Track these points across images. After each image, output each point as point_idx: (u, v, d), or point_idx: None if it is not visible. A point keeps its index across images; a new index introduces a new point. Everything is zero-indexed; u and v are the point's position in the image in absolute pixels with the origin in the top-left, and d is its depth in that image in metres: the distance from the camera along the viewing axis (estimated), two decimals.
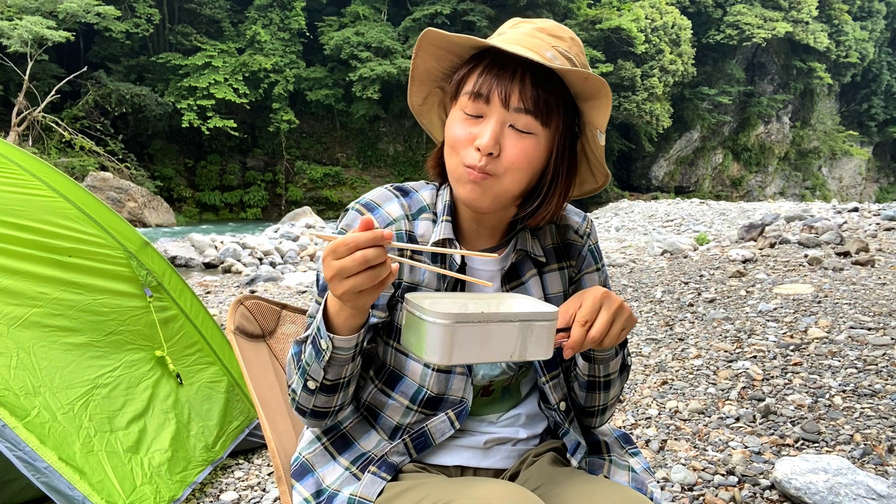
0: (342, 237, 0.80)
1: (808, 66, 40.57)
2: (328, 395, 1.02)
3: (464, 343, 0.79)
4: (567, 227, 1.19)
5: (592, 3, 35.77)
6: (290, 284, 7.95)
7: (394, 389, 1.09)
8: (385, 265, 0.82)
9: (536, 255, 1.13)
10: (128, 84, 27.68)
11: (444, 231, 1.07)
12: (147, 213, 23.13)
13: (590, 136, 1.06)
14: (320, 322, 0.95)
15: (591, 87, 0.98)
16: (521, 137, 0.98)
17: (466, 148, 0.99)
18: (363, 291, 0.83)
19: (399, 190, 1.13)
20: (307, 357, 0.99)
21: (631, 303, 5.20)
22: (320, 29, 32.85)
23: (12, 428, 1.69)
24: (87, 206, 2.30)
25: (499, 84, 0.97)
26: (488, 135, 0.96)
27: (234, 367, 2.60)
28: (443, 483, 1.00)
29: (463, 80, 1.01)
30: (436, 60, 1.06)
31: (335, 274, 0.81)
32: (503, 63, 0.98)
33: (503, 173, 0.98)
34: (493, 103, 0.97)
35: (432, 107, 1.15)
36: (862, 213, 12.16)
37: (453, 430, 1.09)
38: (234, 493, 2.30)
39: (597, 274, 1.20)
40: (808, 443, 2.47)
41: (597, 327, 0.93)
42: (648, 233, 14.07)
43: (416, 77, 1.09)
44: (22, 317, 1.94)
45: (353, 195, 32.23)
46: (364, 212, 1.08)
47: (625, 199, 30.71)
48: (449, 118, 1.04)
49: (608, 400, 1.17)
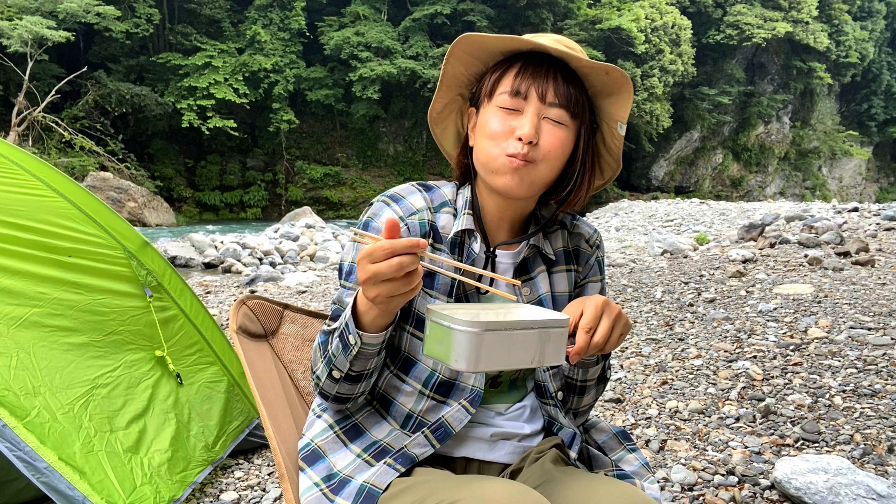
0: (380, 242, 0.83)
1: (808, 66, 40.58)
2: (352, 384, 1.08)
3: (490, 350, 0.82)
4: (579, 235, 1.27)
5: (592, 3, 35.76)
6: (290, 284, 7.96)
7: (408, 374, 1.13)
8: (417, 272, 0.86)
9: (547, 252, 1.20)
10: (128, 84, 27.69)
11: (466, 223, 1.15)
12: (147, 213, 23.14)
13: (606, 131, 1.16)
14: (349, 318, 0.99)
15: (613, 81, 1.08)
16: (556, 128, 1.08)
17: (507, 139, 1.07)
18: (395, 296, 0.87)
19: (422, 185, 1.20)
20: (333, 349, 1.04)
21: (631, 303, 5.20)
22: (320, 29, 32.85)
23: (12, 428, 1.69)
24: (87, 206, 2.30)
25: (535, 82, 1.07)
26: (529, 124, 1.05)
27: (234, 367, 2.60)
28: (448, 481, 1.02)
29: (499, 80, 1.10)
30: (464, 66, 1.15)
31: (370, 277, 0.85)
32: (537, 63, 1.09)
33: (541, 160, 1.07)
34: (531, 99, 1.07)
35: (450, 114, 1.23)
36: (862, 213, 12.15)
37: (469, 415, 1.12)
38: (234, 493, 2.30)
39: (599, 284, 1.28)
40: (808, 443, 2.47)
41: (600, 333, 0.99)
42: (648, 233, 14.07)
43: (445, 82, 1.17)
44: (22, 317, 1.94)
45: (353, 195, 32.26)
46: (390, 202, 1.15)
47: (625, 199, 30.71)
48: (484, 115, 1.11)
49: (580, 405, 1.23)
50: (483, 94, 1.13)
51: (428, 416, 1.12)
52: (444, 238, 1.15)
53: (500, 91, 1.09)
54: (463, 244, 1.15)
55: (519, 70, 1.08)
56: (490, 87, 1.11)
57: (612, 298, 5.40)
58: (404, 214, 1.13)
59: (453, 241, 1.15)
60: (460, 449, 1.15)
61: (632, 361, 3.65)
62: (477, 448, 1.16)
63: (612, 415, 2.90)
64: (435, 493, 0.97)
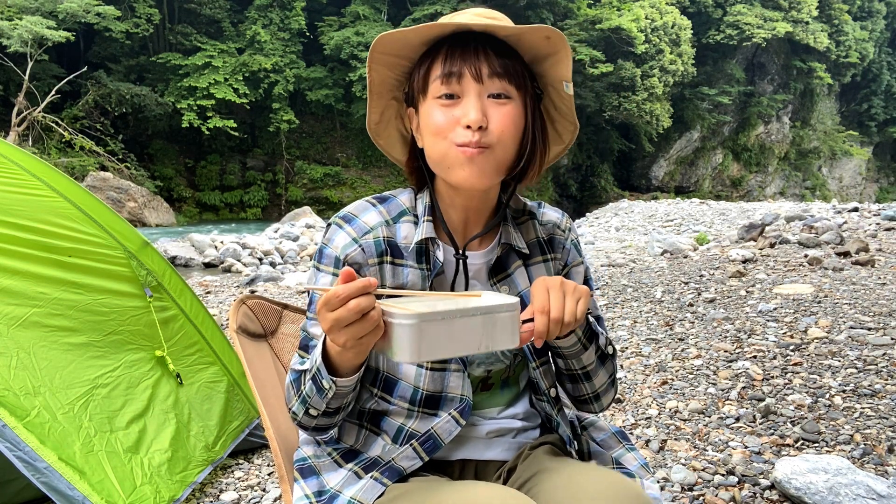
0: (333, 290, 0.83)
1: (808, 66, 40.55)
2: (330, 417, 1.06)
3: (430, 340, 0.82)
4: (549, 223, 1.23)
5: (592, 3, 35.73)
6: (290, 284, 7.95)
7: (392, 395, 1.11)
8: (377, 311, 0.85)
9: (520, 247, 1.16)
10: (128, 84, 27.68)
11: (426, 231, 1.10)
12: (147, 213, 23.13)
13: (553, 94, 1.11)
14: (320, 365, 0.97)
15: (550, 44, 1.02)
16: (502, 104, 1.02)
17: (453, 130, 1.01)
18: (363, 336, 0.85)
19: (377, 198, 1.16)
20: (308, 390, 1.02)
21: (631, 303, 5.20)
22: (320, 29, 32.84)
23: (12, 428, 1.69)
24: (87, 206, 2.30)
25: (466, 61, 1.01)
26: (473, 109, 1.00)
27: (234, 367, 2.60)
28: (440, 487, 1.01)
29: (428, 70, 1.04)
30: (389, 69, 1.09)
31: (332, 325, 0.84)
32: (463, 43, 1.02)
33: (496, 143, 1.01)
34: (466, 80, 1.01)
35: (389, 121, 1.17)
36: (862, 213, 12.15)
37: (459, 427, 1.10)
38: (234, 493, 2.30)
39: (581, 267, 1.24)
40: (808, 443, 2.47)
41: (554, 308, 0.95)
42: (648, 233, 14.07)
43: (374, 91, 1.11)
44: (22, 317, 1.94)
45: (353, 195, 32.23)
46: (343, 224, 1.11)
47: (625, 199, 30.68)
48: (424, 112, 1.06)
49: (596, 388, 1.19)
50: (417, 92, 1.07)
51: (419, 429, 1.11)
52: (407, 249, 1.11)
53: (433, 81, 1.03)
54: (428, 252, 1.11)
55: (446, 55, 1.02)
56: (421, 81, 1.05)
57: (612, 298, 5.41)
58: (357, 235, 1.09)
59: (418, 251, 1.11)
60: (456, 452, 1.14)
61: (632, 361, 3.65)
62: (473, 448, 1.15)
63: (612, 415, 2.90)
64: (425, 501, 0.97)
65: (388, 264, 1.10)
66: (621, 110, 33.81)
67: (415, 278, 1.10)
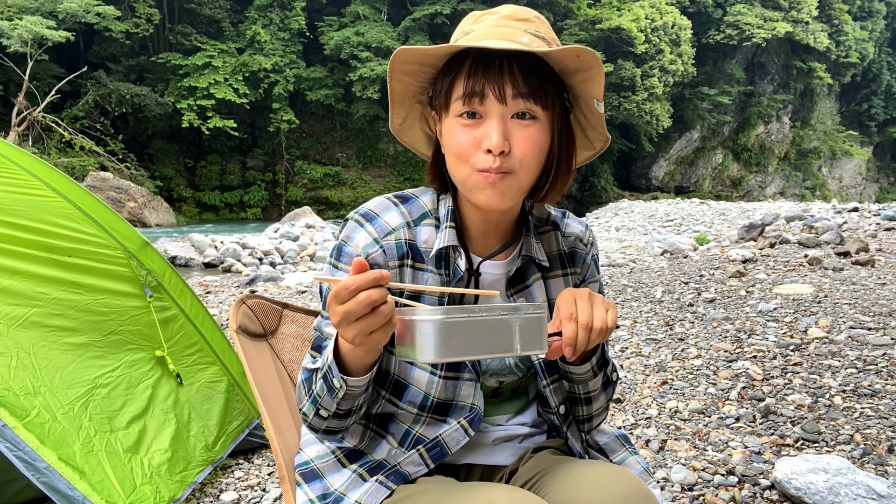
0: (343, 281, 0.79)
1: (808, 66, 40.56)
2: (341, 420, 1.03)
3: (456, 338, 0.80)
4: (572, 235, 1.19)
5: (592, 3, 35.74)
6: (290, 284, 7.95)
7: (401, 399, 1.09)
8: (388, 304, 0.81)
9: (540, 260, 1.12)
10: (128, 84, 27.69)
11: (449, 238, 1.06)
12: (147, 213, 23.14)
13: (584, 108, 1.06)
14: (332, 363, 0.94)
15: (583, 62, 0.97)
16: (525, 127, 0.97)
17: (475, 153, 0.97)
18: (374, 332, 0.82)
19: (399, 198, 1.12)
20: (318, 390, 0.99)
21: (631, 303, 5.20)
22: (320, 29, 32.85)
23: (12, 428, 1.69)
24: (87, 206, 2.30)
25: (489, 81, 0.95)
26: (495, 133, 0.95)
27: (234, 367, 2.60)
28: (450, 488, 1.00)
29: (450, 87, 0.99)
30: (411, 77, 1.05)
31: (342, 318, 0.81)
32: (487, 60, 0.96)
33: (518, 168, 0.97)
34: (489, 100, 0.96)
35: (413, 123, 1.14)
36: (862, 213, 12.15)
37: (468, 437, 1.09)
38: (234, 493, 2.30)
39: (597, 285, 1.21)
40: (808, 443, 2.47)
41: (582, 315, 0.93)
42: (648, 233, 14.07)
43: (396, 99, 1.07)
44: (22, 317, 1.94)
45: (352, 195, 32.24)
46: (364, 222, 1.07)
47: (625, 199, 30.69)
48: (446, 129, 1.02)
49: (592, 412, 1.19)
50: (440, 107, 1.03)
51: (426, 434, 1.09)
52: (427, 254, 1.07)
53: (455, 99, 0.98)
54: (449, 259, 1.08)
55: (469, 71, 0.97)
56: (443, 98, 1.01)
57: (611, 299, 5.40)
58: (379, 235, 1.05)
59: (438, 257, 1.07)
60: (463, 457, 1.13)
61: (632, 361, 3.65)
62: (479, 454, 1.14)
63: (612, 415, 2.90)
64: (436, 502, 0.96)
65: (409, 268, 1.07)
66: (621, 110, 33.80)
67: (434, 284, 1.07)
